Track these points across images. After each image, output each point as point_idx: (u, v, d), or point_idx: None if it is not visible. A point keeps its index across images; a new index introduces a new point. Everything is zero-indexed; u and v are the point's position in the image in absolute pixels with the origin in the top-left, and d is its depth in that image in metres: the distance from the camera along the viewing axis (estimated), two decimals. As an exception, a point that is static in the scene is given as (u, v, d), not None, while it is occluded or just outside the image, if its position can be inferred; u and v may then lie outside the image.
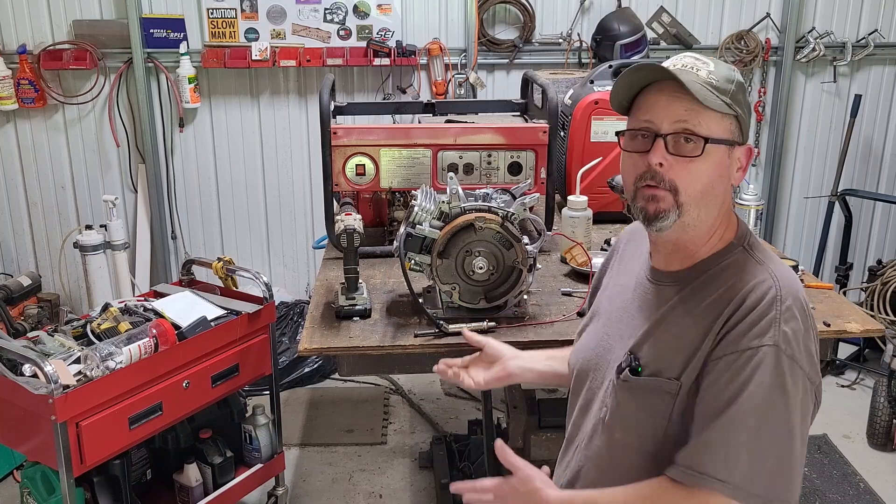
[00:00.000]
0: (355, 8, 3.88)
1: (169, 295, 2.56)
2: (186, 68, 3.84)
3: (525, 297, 1.98)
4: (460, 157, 2.36)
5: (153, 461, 2.50)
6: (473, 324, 1.89)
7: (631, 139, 1.25)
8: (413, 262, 1.91)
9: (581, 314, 1.88)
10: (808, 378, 1.18)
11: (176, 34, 3.86)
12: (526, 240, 1.86)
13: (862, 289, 3.94)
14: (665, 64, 1.24)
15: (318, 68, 3.94)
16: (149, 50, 3.88)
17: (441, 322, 1.88)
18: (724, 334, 1.18)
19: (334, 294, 2.15)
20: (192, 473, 2.45)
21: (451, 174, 2.07)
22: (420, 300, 1.96)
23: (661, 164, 1.20)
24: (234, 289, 2.63)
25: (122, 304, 2.45)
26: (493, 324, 1.90)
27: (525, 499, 1.29)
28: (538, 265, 1.94)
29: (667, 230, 1.22)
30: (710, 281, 1.25)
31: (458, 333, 1.83)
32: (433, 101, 2.82)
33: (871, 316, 3.50)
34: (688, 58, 1.25)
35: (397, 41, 3.88)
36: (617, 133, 1.28)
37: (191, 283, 2.69)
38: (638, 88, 1.25)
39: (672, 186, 1.20)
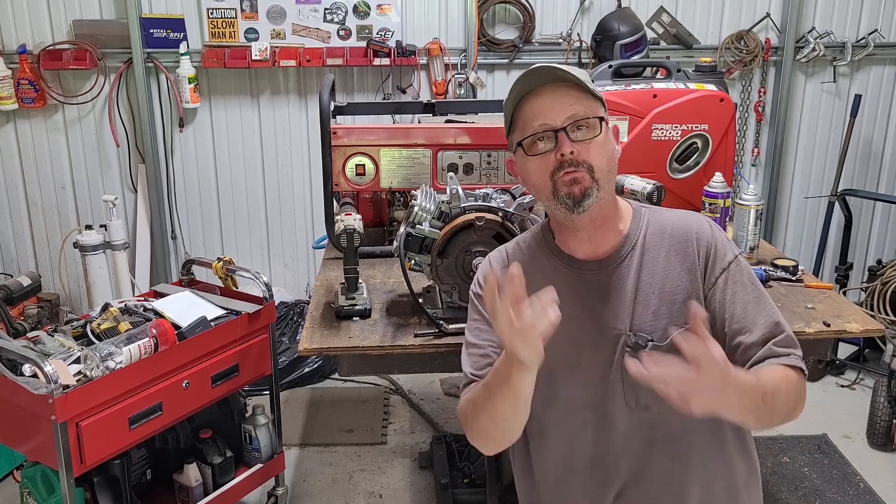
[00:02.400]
0: (355, 8, 3.88)
1: (169, 295, 2.56)
2: (186, 68, 3.84)
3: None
4: (460, 157, 2.36)
5: (153, 461, 2.49)
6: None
7: (531, 145, 1.36)
8: (413, 262, 1.91)
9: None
10: None
11: (176, 34, 3.86)
12: (526, 240, 1.86)
13: (862, 289, 3.94)
14: (529, 70, 1.36)
15: (318, 68, 3.94)
16: (149, 50, 3.88)
17: (441, 322, 1.88)
18: (704, 261, 1.39)
19: (334, 294, 2.15)
20: (192, 473, 2.45)
21: (451, 174, 2.07)
22: (420, 300, 1.96)
23: (572, 152, 1.33)
24: (234, 289, 2.63)
25: (122, 304, 2.45)
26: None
27: (714, 383, 1.16)
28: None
29: (591, 208, 1.34)
30: (651, 241, 1.40)
31: (459, 333, 1.84)
32: (433, 101, 2.82)
33: (871, 316, 3.50)
34: (540, 65, 1.36)
35: (397, 41, 3.88)
36: (518, 144, 1.39)
37: (191, 283, 2.69)
38: (516, 102, 1.38)
39: (588, 165, 1.34)
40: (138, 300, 2.51)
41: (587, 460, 1.41)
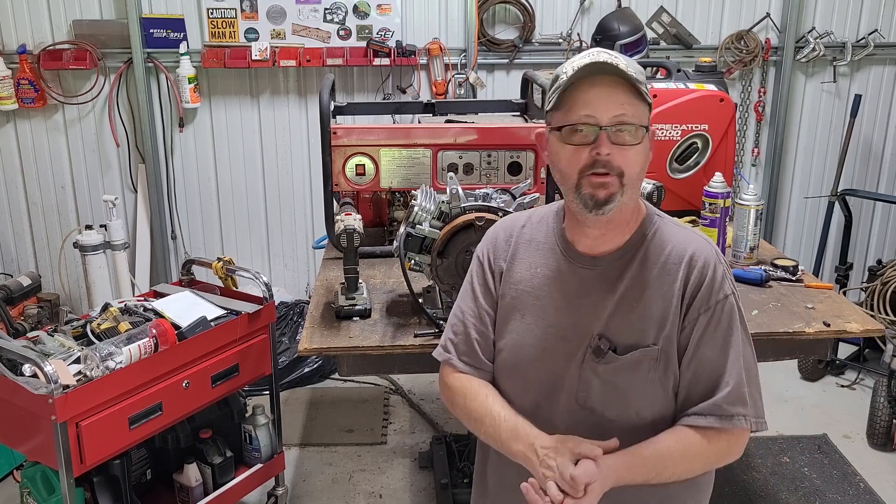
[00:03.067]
0: (355, 8, 3.88)
1: (169, 295, 2.56)
2: (186, 68, 3.84)
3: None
4: (460, 157, 2.36)
5: (153, 461, 2.49)
6: None
7: (571, 133, 1.32)
8: (413, 262, 1.91)
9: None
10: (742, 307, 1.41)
11: (176, 34, 3.86)
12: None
13: (862, 289, 3.94)
14: (592, 59, 1.30)
15: (318, 68, 3.94)
16: (149, 50, 3.88)
17: (441, 322, 1.88)
18: (691, 294, 1.35)
19: (334, 294, 2.15)
20: (192, 473, 2.45)
21: (451, 174, 2.07)
22: (420, 300, 1.96)
23: (608, 154, 1.28)
24: (234, 289, 2.63)
25: (122, 304, 2.45)
26: None
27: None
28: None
29: (610, 212, 1.31)
30: (649, 250, 1.38)
31: None
32: (433, 101, 2.82)
33: (871, 316, 3.49)
34: (604, 53, 1.31)
35: (397, 41, 3.88)
36: (554, 129, 1.35)
37: (191, 283, 2.69)
38: (568, 84, 1.32)
39: (619, 171, 1.29)
40: (138, 300, 2.51)
41: None
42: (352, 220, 2.05)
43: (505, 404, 1.43)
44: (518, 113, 2.82)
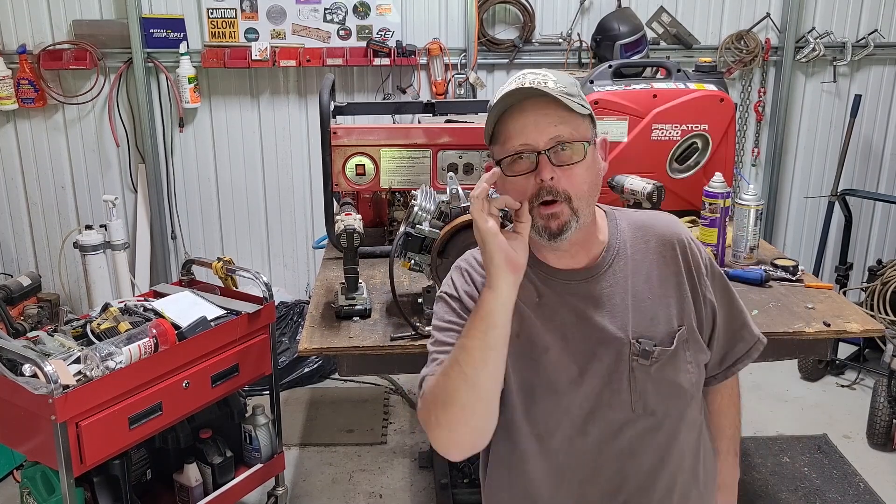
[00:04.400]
0: (355, 8, 3.88)
1: (169, 295, 2.56)
2: (186, 68, 3.84)
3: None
4: (460, 157, 2.36)
5: (153, 461, 2.49)
6: None
7: (512, 163, 1.28)
8: (413, 262, 1.91)
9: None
10: None
11: (176, 34, 3.86)
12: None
13: (862, 289, 3.94)
14: (517, 85, 1.27)
15: (318, 68, 3.94)
16: (149, 50, 3.88)
17: (418, 325, 1.89)
18: (695, 268, 1.40)
19: (334, 294, 2.15)
20: (192, 473, 2.45)
21: (451, 174, 2.07)
22: (419, 300, 1.96)
23: (552, 178, 1.25)
24: (234, 289, 2.63)
25: (122, 304, 2.45)
26: None
27: None
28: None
29: (567, 238, 1.29)
30: (629, 245, 1.39)
31: None
32: (433, 101, 2.82)
33: (871, 316, 3.49)
34: (530, 74, 1.28)
35: (397, 41, 3.88)
36: (497, 162, 1.30)
37: (191, 283, 2.69)
38: (498, 116, 1.29)
39: (566, 196, 1.27)
40: (138, 300, 2.51)
41: (588, 471, 1.36)
42: (352, 220, 2.05)
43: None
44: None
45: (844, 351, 3.90)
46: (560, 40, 4.00)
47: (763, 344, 1.50)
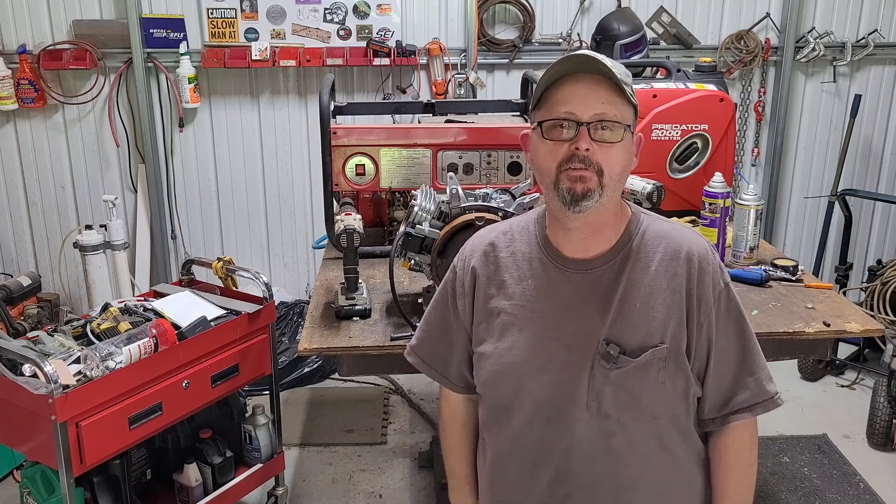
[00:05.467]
0: (355, 8, 3.88)
1: (169, 295, 2.56)
2: (186, 68, 3.84)
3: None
4: (460, 157, 2.36)
5: (153, 461, 2.49)
6: None
7: (551, 129, 1.31)
8: (413, 262, 1.91)
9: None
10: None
11: (176, 34, 3.86)
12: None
13: (862, 289, 3.94)
14: (577, 54, 1.31)
15: (318, 68, 3.94)
16: (149, 50, 3.88)
17: (418, 325, 1.88)
18: (696, 292, 1.34)
19: (334, 294, 2.15)
20: (192, 473, 2.45)
21: (451, 174, 2.08)
22: (419, 300, 1.96)
23: (587, 150, 1.28)
24: (234, 289, 2.63)
25: (122, 304, 2.45)
26: None
27: None
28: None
29: (588, 210, 1.30)
30: (641, 249, 1.37)
31: None
32: (433, 101, 2.82)
33: (871, 316, 3.49)
34: (588, 53, 1.30)
35: (397, 41, 3.88)
36: (536, 124, 1.34)
37: (191, 283, 2.69)
38: (551, 81, 1.32)
39: (598, 168, 1.29)
40: (138, 300, 2.51)
41: (543, 456, 1.40)
42: (352, 220, 2.05)
43: (464, 460, 1.59)
44: (518, 113, 2.82)
45: (844, 351, 3.90)
46: (560, 40, 4.00)
47: (775, 404, 1.40)
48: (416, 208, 1.88)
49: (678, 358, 1.34)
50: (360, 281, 2.11)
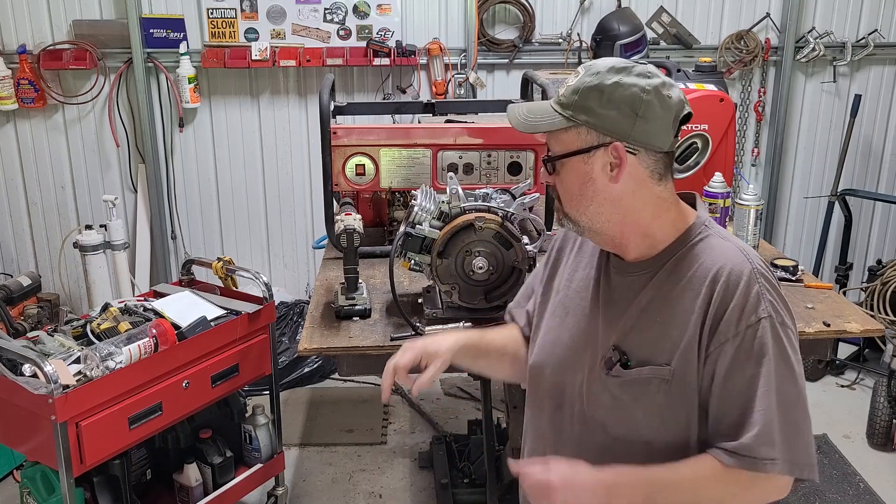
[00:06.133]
0: (355, 8, 3.88)
1: (169, 295, 2.56)
2: (186, 68, 3.84)
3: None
4: (460, 157, 2.36)
5: (153, 461, 2.49)
6: (450, 324, 1.89)
7: None
8: (413, 262, 1.91)
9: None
10: (795, 332, 1.27)
11: (176, 34, 3.86)
12: (526, 240, 1.86)
13: (862, 289, 3.94)
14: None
15: (318, 68, 3.94)
16: (149, 50, 3.88)
17: (418, 325, 1.89)
18: (717, 317, 1.23)
19: (334, 294, 2.15)
20: (192, 473, 2.45)
21: (451, 174, 2.08)
22: (420, 300, 1.96)
23: (549, 182, 1.36)
24: (234, 289, 2.63)
25: (122, 304, 2.45)
26: (468, 324, 1.89)
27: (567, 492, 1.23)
28: (538, 265, 1.94)
29: (577, 234, 1.40)
30: (679, 264, 1.30)
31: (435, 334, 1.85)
32: (433, 101, 2.82)
33: (871, 316, 3.49)
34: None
35: (397, 41, 3.88)
36: None
37: (191, 283, 2.69)
38: None
39: (559, 197, 1.35)
40: (138, 300, 2.51)
41: (555, 441, 1.41)
42: (352, 220, 2.05)
43: (502, 334, 1.57)
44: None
45: (844, 351, 3.90)
46: (560, 40, 4.00)
47: (768, 466, 1.19)
48: (416, 208, 1.88)
49: (683, 384, 1.25)
50: (360, 281, 2.11)
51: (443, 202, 1.89)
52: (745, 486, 1.23)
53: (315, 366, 3.78)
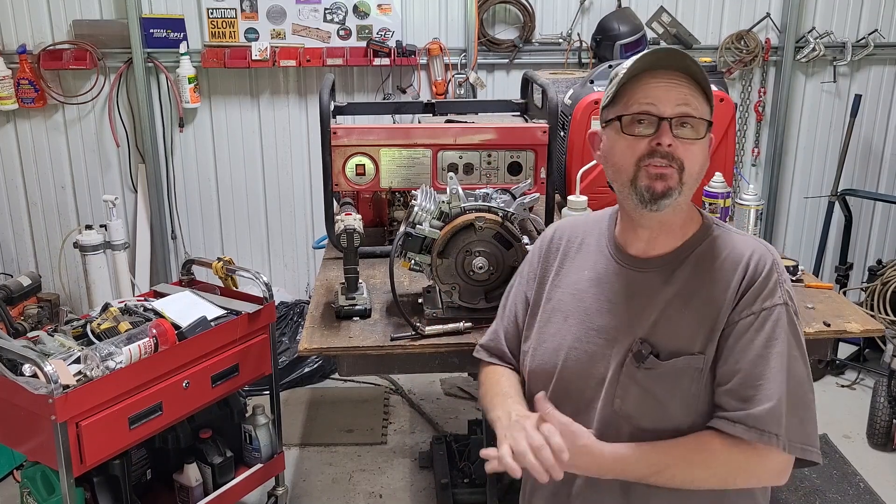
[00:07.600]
0: (355, 8, 3.88)
1: (169, 295, 2.56)
2: (186, 68, 3.84)
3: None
4: (460, 157, 2.36)
5: (153, 461, 2.49)
6: (450, 325, 1.89)
7: (631, 124, 1.29)
8: (413, 262, 1.91)
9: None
10: (801, 322, 1.34)
11: (176, 34, 3.86)
12: (526, 240, 1.86)
13: (862, 289, 3.94)
14: (658, 49, 1.30)
15: (318, 68, 3.94)
16: (149, 50, 3.88)
17: (418, 325, 1.89)
18: (741, 297, 1.28)
19: (334, 294, 2.15)
20: (192, 473, 2.45)
21: (451, 174, 2.07)
22: (419, 300, 1.96)
23: (670, 145, 1.26)
24: (234, 289, 2.63)
25: (122, 304, 2.45)
26: (469, 324, 1.89)
27: (575, 457, 1.24)
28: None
29: (665, 209, 1.28)
30: (703, 257, 1.32)
31: (436, 335, 1.86)
32: (433, 101, 2.82)
33: (871, 316, 3.49)
34: (672, 48, 1.30)
35: (397, 41, 3.88)
36: (612, 120, 1.32)
37: (191, 283, 2.69)
38: (630, 77, 1.30)
39: (680, 165, 1.27)
40: (138, 300, 2.51)
41: None
42: (352, 220, 2.05)
43: (514, 382, 1.48)
44: (518, 113, 2.82)
45: (844, 351, 3.90)
46: (560, 40, 4.00)
47: (773, 441, 1.23)
48: (416, 208, 1.88)
49: (711, 372, 1.29)
50: (360, 281, 2.11)
51: (443, 202, 1.89)
52: (739, 460, 1.26)
53: (315, 366, 3.78)
